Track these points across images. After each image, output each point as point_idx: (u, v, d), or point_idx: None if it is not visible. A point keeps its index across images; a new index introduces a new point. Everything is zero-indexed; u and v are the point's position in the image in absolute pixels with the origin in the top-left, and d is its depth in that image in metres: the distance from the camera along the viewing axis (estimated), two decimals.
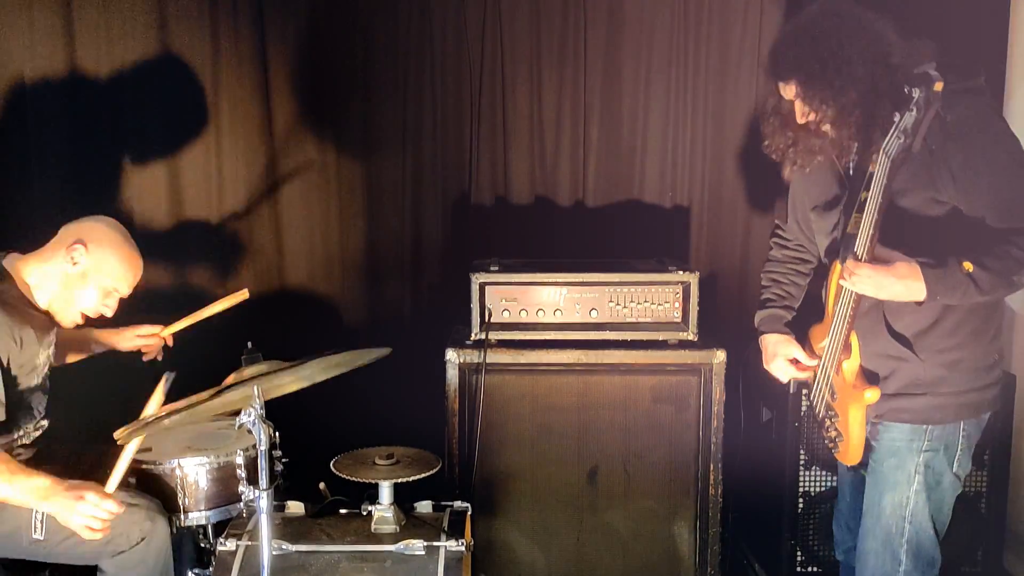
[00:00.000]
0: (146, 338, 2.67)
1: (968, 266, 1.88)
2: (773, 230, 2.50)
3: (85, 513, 2.13)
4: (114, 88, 3.22)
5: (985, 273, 1.89)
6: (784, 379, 2.36)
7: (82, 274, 2.31)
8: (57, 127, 3.21)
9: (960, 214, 1.96)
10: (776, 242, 2.47)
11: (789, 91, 2.05)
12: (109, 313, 2.41)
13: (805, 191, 2.29)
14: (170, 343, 2.71)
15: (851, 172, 2.11)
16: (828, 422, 2.20)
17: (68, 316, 2.37)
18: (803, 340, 2.31)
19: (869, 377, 2.10)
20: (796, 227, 2.38)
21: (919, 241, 1.97)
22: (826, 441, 2.23)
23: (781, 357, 2.32)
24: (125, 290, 2.40)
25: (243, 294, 2.65)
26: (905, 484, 2.10)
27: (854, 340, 2.08)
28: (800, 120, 2.07)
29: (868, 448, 2.21)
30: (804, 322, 2.34)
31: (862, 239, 1.92)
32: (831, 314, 2.11)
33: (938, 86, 1.74)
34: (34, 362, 2.32)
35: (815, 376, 2.25)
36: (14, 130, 3.18)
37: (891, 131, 1.81)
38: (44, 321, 2.35)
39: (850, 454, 2.15)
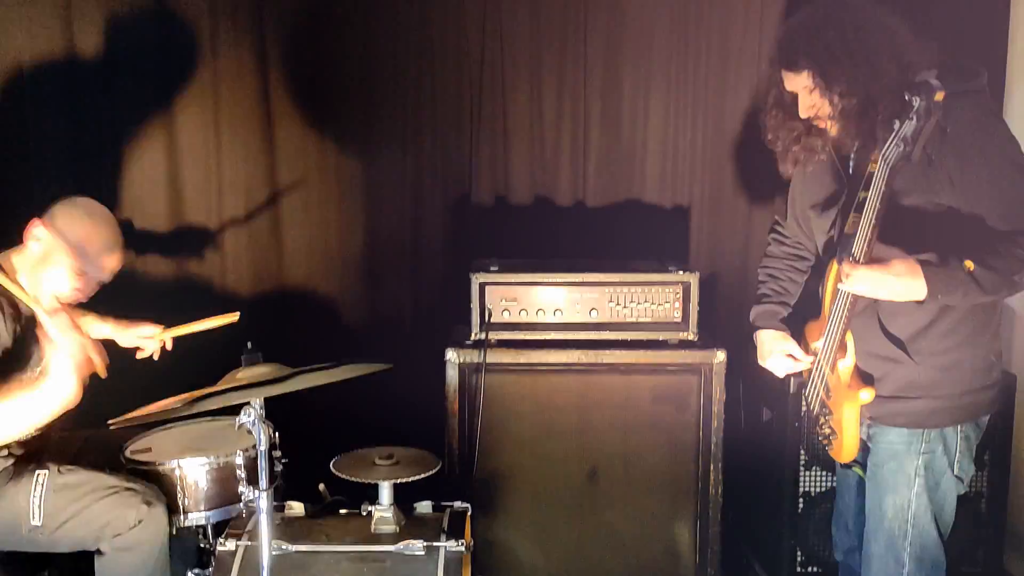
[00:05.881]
0: (146, 339, 2.69)
1: (969, 265, 1.86)
2: (772, 226, 2.49)
3: (87, 346, 2.05)
4: (113, 86, 3.22)
5: (987, 272, 1.86)
6: (781, 374, 2.35)
7: (44, 254, 2.28)
8: (55, 117, 3.20)
9: (960, 212, 1.95)
10: (774, 238, 2.46)
11: (797, 82, 2.01)
12: (83, 297, 2.36)
13: (803, 189, 2.28)
14: (169, 346, 2.73)
15: (851, 171, 2.10)
16: (822, 419, 2.21)
17: (43, 299, 2.30)
18: (799, 335, 2.31)
19: (864, 377, 2.10)
20: (795, 224, 2.37)
21: (920, 238, 1.96)
22: (819, 438, 2.23)
23: (778, 353, 2.32)
24: (95, 270, 2.33)
25: (234, 316, 2.71)
26: (905, 487, 2.09)
27: (849, 340, 2.07)
28: (803, 114, 2.04)
29: (865, 450, 2.21)
30: (800, 317, 2.34)
31: (859, 242, 1.91)
32: (827, 313, 2.10)
33: (939, 96, 1.71)
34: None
35: (810, 372, 2.25)
36: (12, 119, 3.17)
37: (891, 138, 1.80)
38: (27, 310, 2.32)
39: (843, 452, 2.16)
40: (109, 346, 2.65)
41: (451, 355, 2.84)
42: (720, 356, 2.85)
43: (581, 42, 3.35)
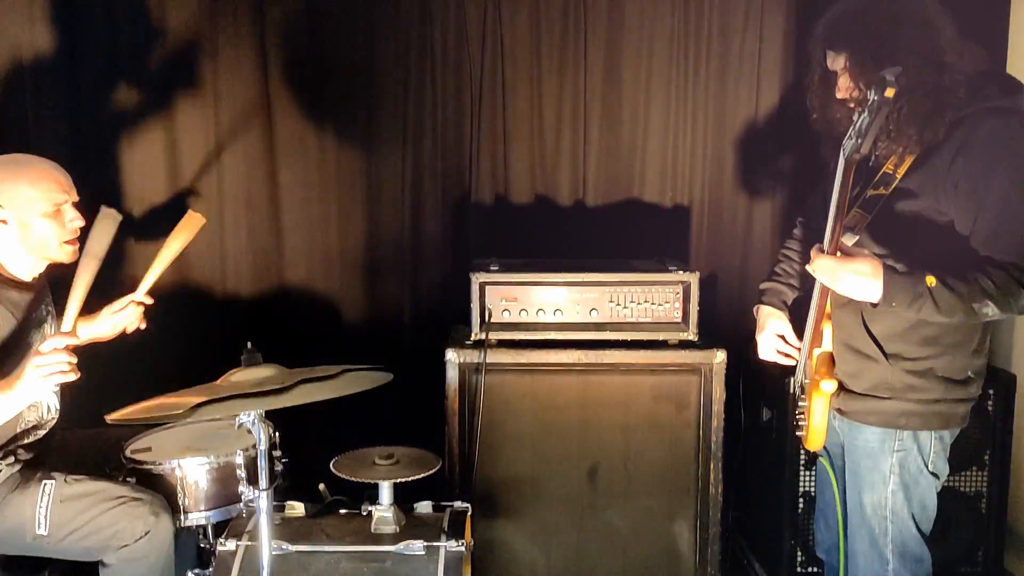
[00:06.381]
0: (122, 311, 2.53)
1: (931, 281, 1.86)
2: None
3: (43, 362, 2.09)
4: (114, 84, 3.22)
5: (947, 293, 1.86)
6: (765, 356, 2.34)
7: (20, 224, 2.24)
8: (56, 113, 3.20)
9: (953, 230, 1.95)
10: (800, 220, 2.46)
11: (837, 62, 2.01)
12: (80, 223, 2.32)
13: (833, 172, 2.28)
14: (149, 301, 2.55)
15: (869, 163, 2.07)
16: (799, 405, 2.21)
17: (57, 257, 2.31)
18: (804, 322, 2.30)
19: (832, 368, 2.10)
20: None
21: (905, 244, 1.96)
22: (797, 421, 2.23)
23: (769, 331, 2.32)
24: (63, 197, 2.29)
25: (199, 218, 2.50)
26: (881, 484, 2.10)
27: (826, 328, 2.07)
28: (840, 95, 2.03)
29: (844, 448, 2.21)
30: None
31: (828, 234, 1.92)
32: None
33: (889, 92, 1.71)
34: (25, 340, 2.29)
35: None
36: (12, 115, 3.17)
37: (850, 130, 1.81)
38: (27, 297, 2.31)
39: (810, 439, 2.16)
40: (100, 347, 2.65)
41: (451, 355, 2.84)
42: (720, 356, 2.85)
43: (581, 42, 3.35)
